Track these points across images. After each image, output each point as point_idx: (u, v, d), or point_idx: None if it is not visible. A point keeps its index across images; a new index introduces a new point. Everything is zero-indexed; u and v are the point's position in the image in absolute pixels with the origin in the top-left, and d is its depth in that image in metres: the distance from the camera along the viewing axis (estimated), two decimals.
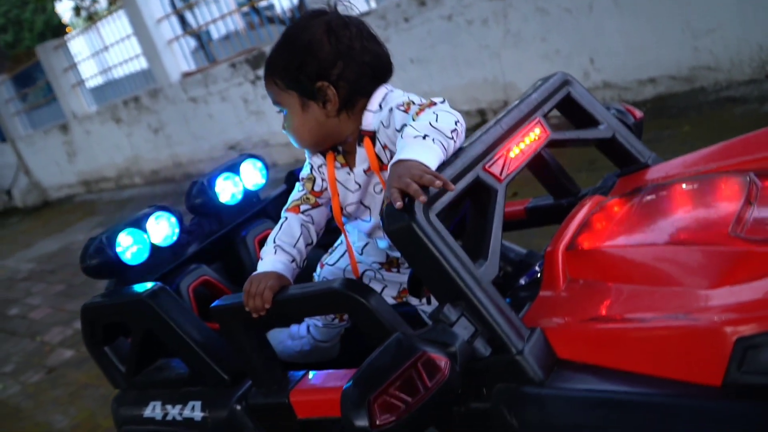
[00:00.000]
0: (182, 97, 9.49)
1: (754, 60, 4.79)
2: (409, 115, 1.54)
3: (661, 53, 5.14)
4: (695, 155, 1.69)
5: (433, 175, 1.31)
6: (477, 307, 1.28)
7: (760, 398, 1.07)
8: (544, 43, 5.67)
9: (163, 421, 1.78)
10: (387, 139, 1.62)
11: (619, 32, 5.25)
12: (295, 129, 1.67)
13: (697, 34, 4.93)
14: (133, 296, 1.76)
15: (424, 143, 1.40)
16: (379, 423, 1.16)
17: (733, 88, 4.86)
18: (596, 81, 5.55)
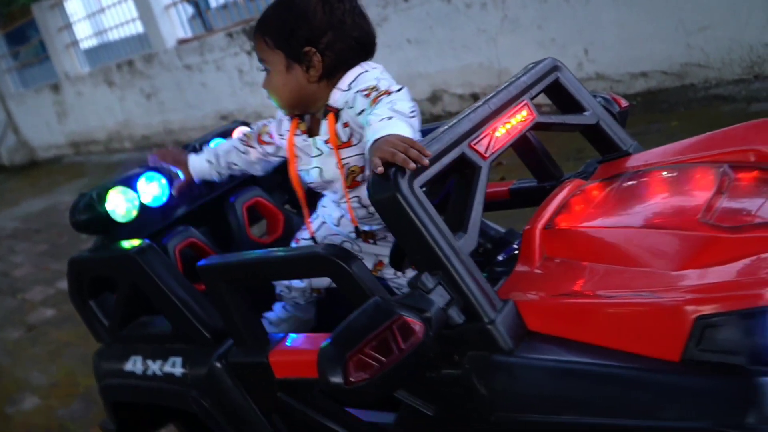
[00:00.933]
0: (177, 64, 9.46)
1: (744, 60, 4.86)
2: (368, 100, 1.60)
3: (654, 48, 5.20)
4: (675, 146, 1.74)
5: (419, 149, 1.35)
6: (454, 276, 1.32)
7: (714, 374, 1.13)
8: (540, 30, 5.71)
9: (144, 375, 1.82)
10: (349, 119, 1.69)
11: (614, 24, 5.29)
12: (276, 88, 1.75)
13: (690, 31, 4.98)
14: (122, 252, 1.80)
15: (391, 122, 1.44)
16: (353, 380, 1.21)
17: (722, 87, 4.94)
18: (589, 72, 5.59)
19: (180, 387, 1.75)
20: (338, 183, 1.75)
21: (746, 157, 1.57)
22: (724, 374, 1.13)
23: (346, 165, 1.71)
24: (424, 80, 6.71)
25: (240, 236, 2.23)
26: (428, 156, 1.36)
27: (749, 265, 1.25)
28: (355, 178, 1.73)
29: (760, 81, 4.79)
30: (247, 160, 1.96)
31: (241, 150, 1.96)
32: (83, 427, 3.27)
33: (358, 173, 1.73)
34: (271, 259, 1.58)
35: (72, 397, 3.60)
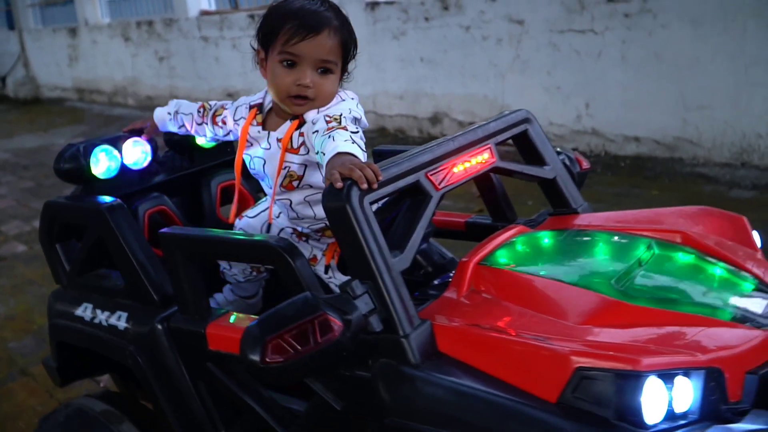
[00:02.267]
0: (195, 33, 9.60)
1: (734, 145, 5.03)
2: (326, 126, 1.72)
3: (651, 116, 5.38)
4: (618, 214, 1.89)
5: (374, 170, 1.49)
6: (381, 288, 1.45)
7: (582, 421, 1.26)
8: (548, 76, 5.89)
9: (90, 322, 1.94)
10: (307, 131, 1.81)
11: (618, 85, 5.48)
12: (329, 92, 1.84)
13: (689, 107, 5.16)
14: (93, 205, 1.92)
15: (353, 146, 1.59)
16: (268, 360, 1.34)
17: (709, 167, 5.10)
18: (587, 126, 5.76)
19: (120, 340, 1.86)
20: (277, 179, 1.88)
21: (674, 237, 1.71)
22: (591, 423, 1.26)
23: (287, 167, 1.85)
24: (428, 99, 6.86)
25: (209, 213, 2.35)
26: (380, 179, 1.49)
27: (639, 334, 1.39)
28: (291, 181, 1.87)
29: (745, 169, 4.96)
30: (197, 129, 2.13)
31: (196, 120, 2.11)
32: (31, 362, 3.38)
33: (295, 179, 1.86)
34: (226, 240, 1.71)
35: (25, 333, 3.71)
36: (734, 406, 1.33)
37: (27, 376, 3.29)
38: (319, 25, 1.78)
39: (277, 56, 1.81)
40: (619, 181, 5.21)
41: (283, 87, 1.81)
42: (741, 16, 4.79)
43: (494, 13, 6.11)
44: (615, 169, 5.46)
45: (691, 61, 5.08)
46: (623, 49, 5.38)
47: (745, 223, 1.78)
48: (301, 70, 1.79)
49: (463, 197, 4.66)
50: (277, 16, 1.83)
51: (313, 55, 1.78)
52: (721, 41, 4.90)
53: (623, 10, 5.31)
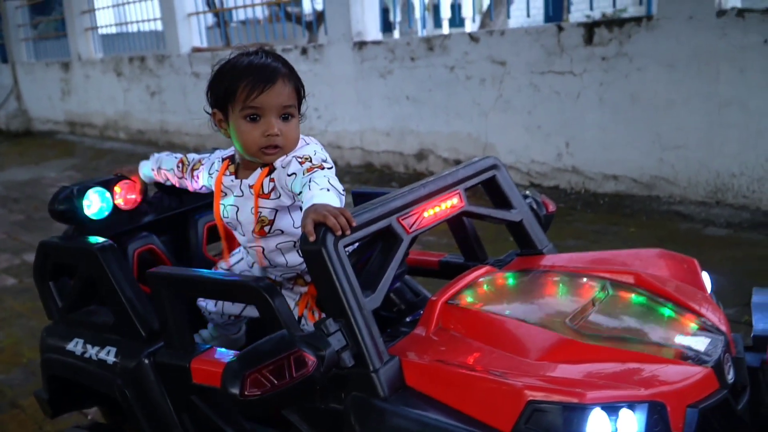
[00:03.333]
0: (187, 69, 9.75)
1: (709, 184, 5.15)
2: (302, 168, 1.85)
3: (629, 155, 5.51)
4: (580, 255, 2.02)
5: (347, 218, 1.61)
6: (353, 326, 1.57)
7: None
8: (529, 116, 6.04)
9: (81, 357, 2.05)
10: (277, 177, 1.92)
11: (596, 126, 5.63)
12: (294, 136, 1.95)
13: (665, 147, 5.30)
14: (86, 246, 2.04)
15: (329, 194, 1.71)
16: (247, 393, 1.45)
17: (684, 205, 5.22)
18: (567, 164, 5.90)
19: (109, 374, 1.97)
20: (249, 227, 1.98)
21: (627, 278, 1.84)
22: None
23: (260, 212, 1.96)
24: (414, 137, 7.01)
25: (196, 252, 2.47)
26: (353, 225, 1.62)
27: (588, 369, 1.51)
28: (263, 227, 1.97)
29: (720, 207, 5.09)
30: (180, 183, 2.26)
31: (177, 175, 2.25)
32: (20, 395, 3.42)
33: (266, 224, 1.96)
34: (209, 279, 1.83)
35: (14, 366, 3.75)
36: None
37: (17, 408, 3.35)
38: (273, 75, 1.90)
39: (240, 113, 1.91)
40: (598, 219, 5.33)
41: (252, 141, 1.91)
42: (714, 60, 4.95)
43: (477, 54, 6.28)
44: (594, 206, 5.59)
45: (666, 102, 5.24)
46: (601, 90, 5.55)
47: (696, 266, 1.91)
48: (266, 122, 1.90)
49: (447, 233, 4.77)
50: (228, 76, 1.94)
51: (273, 104, 1.89)
52: (695, 84, 5.07)
53: (600, 53, 5.49)
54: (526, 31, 5.99)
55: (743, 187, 5.03)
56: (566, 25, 5.77)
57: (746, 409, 1.63)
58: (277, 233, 1.97)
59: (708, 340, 1.64)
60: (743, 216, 4.94)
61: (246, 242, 2.04)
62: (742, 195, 5.05)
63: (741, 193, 5.06)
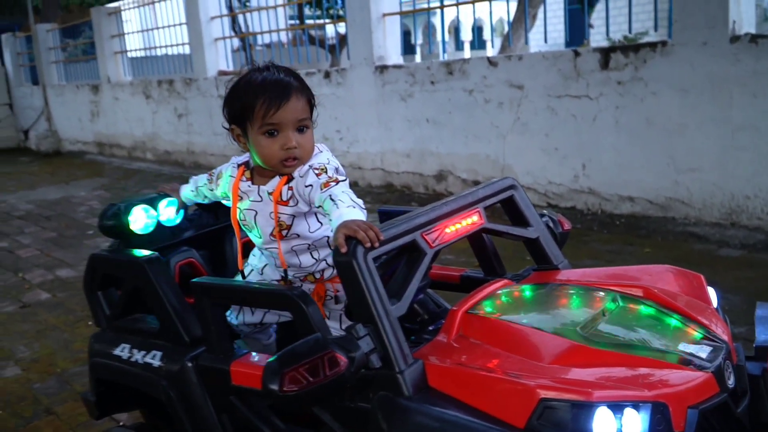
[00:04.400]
0: (213, 92, 9.99)
1: (724, 206, 5.26)
2: (319, 181, 1.99)
3: (645, 177, 5.64)
4: (593, 270, 2.15)
5: (376, 232, 1.76)
6: (380, 331, 1.72)
7: None
8: (546, 138, 6.20)
9: (128, 361, 2.21)
10: (296, 186, 2.06)
11: (612, 148, 5.78)
12: (311, 147, 2.10)
13: (680, 170, 5.42)
14: (135, 259, 2.21)
15: (355, 210, 1.86)
16: (285, 389, 1.60)
17: (699, 226, 5.33)
18: (583, 185, 6.02)
19: (154, 376, 2.13)
20: (267, 229, 2.13)
21: (636, 292, 1.98)
22: None
23: (279, 217, 2.10)
24: (433, 158, 7.17)
25: (232, 264, 2.63)
26: (381, 239, 1.77)
27: (596, 372, 1.64)
28: (281, 230, 2.12)
29: (735, 228, 5.20)
30: (213, 196, 2.39)
31: (209, 187, 2.38)
32: (55, 402, 3.58)
33: (284, 228, 2.12)
34: (248, 289, 1.99)
35: (49, 375, 3.91)
36: None
37: (51, 414, 3.49)
38: (287, 91, 2.04)
39: (259, 130, 2.06)
40: (614, 239, 5.45)
41: (272, 155, 2.06)
42: (727, 85, 5.09)
43: (495, 78, 6.46)
44: (610, 227, 5.71)
45: (680, 126, 5.38)
46: (616, 114, 5.70)
47: (702, 281, 2.04)
48: (284, 136, 2.05)
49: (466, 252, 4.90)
50: (244, 94, 2.07)
51: (290, 119, 2.04)
52: (708, 108, 5.21)
53: (616, 77, 5.64)
54: (543, 55, 6.17)
55: (757, 209, 5.13)
56: (583, 50, 5.93)
57: (746, 413, 1.75)
58: (294, 237, 2.12)
59: (710, 348, 1.76)
60: (757, 237, 5.04)
61: (262, 243, 2.19)
62: (756, 217, 5.15)
63: (755, 215, 5.16)
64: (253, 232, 2.20)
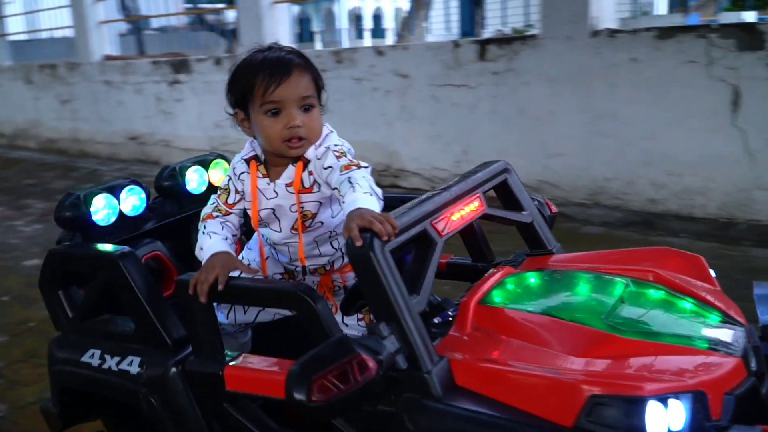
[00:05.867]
0: (98, 77, 9.68)
1: (587, 188, 5.66)
2: (339, 163, 1.88)
3: (519, 162, 5.87)
4: (591, 254, 2.10)
5: (392, 223, 1.64)
6: (405, 329, 1.60)
7: None
8: (431, 126, 6.48)
9: (99, 368, 1.99)
10: (315, 169, 1.94)
11: (490, 135, 6.11)
12: (318, 126, 1.96)
13: (549, 155, 5.80)
14: (105, 253, 1.99)
15: (372, 198, 1.75)
16: (315, 399, 1.46)
17: (566, 207, 5.63)
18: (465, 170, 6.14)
19: (132, 384, 1.93)
20: (287, 224, 1.99)
21: (646, 276, 1.93)
22: None
23: (302, 207, 1.97)
24: None
25: None
26: (397, 230, 1.65)
27: (633, 363, 1.58)
28: (304, 221, 1.98)
29: (597, 208, 5.62)
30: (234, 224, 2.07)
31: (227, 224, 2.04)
32: None
33: (309, 218, 1.98)
34: (248, 287, 1.82)
35: None
36: (716, 423, 1.53)
37: None
38: (287, 67, 1.90)
39: (260, 109, 1.91)
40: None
41: (275, 135, 1.91)
42: (589, 76, 5.47)
43: (383, 67, 6.67)
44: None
45: (549, 114, 5.75)
46: (493, 102, 6.02)
47: (703, 262, 2.01)
48: (287, 114, 1.90)
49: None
50: (244, 74, 1.93)
51: (292, 96, 1.89)
52: (573, 98, 5.58)
53: (492, 68, 5.97)
54: (427, 46, 6.63)
55: (616, 190, 5.53)
56: (462, 41, 6.27)
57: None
58: (318, 226, 1.99)
59: (732, 332, 1.74)
60: (616, 215, 5.48)
61: (280, 239, 2.03)
62: (615, 197, 5.55)
63: (614, 195, 5.55)
64: (270, 229, 2.05)
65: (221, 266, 1.82)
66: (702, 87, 4.95)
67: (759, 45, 4.70)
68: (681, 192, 5.24)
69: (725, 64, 4.84)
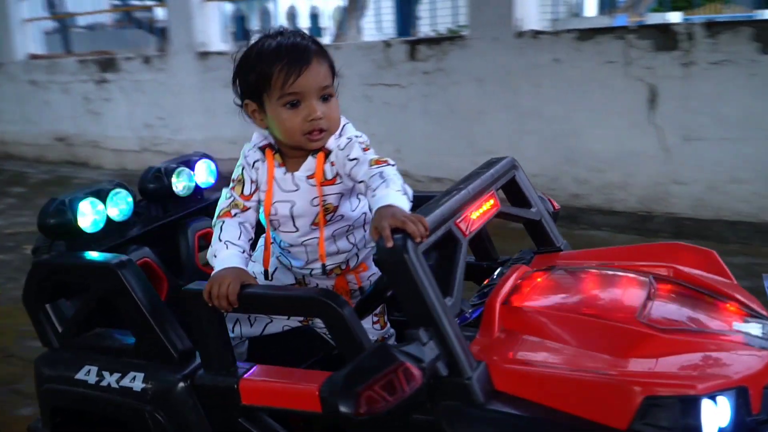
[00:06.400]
0: (23, 77, 9.39)
1: None
2: (366, 156, 1.80)
3: (450, 159, 6.10)
4: (602, 250, 2.06)
5: (424, 224, 1.56)
6: (444, 334, 1.52)
7: None
8: (364, 125, 6.32)
9: (96, 385, 1.85)
10: (337, 160, 1.84)
11: (422, 134, 6.22)
12: (337, 116, 1.86)
13: (478, 152, 5.79)
14: (101, 263, 1.84)
15: (404, 198, 1.68)
16: (362, 411, 1.37)
17: None
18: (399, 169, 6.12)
19: (136, 402, 1.79)
20: (307, 219, 1.88)
21: (666, 272, 1.90)
22: None
23: (324, 201, 1.86)
24: None
25: (187, 263, 2.30)
26: (428, 231, 1.57)
27: (676, 361, 1.54)
28: (326, 215, 1.88)
29: None
30: (252, 223, 1.92)
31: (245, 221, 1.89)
32: None
33: (330, 211, 1.88)
34: (270, 295, 1.71)
35: None
36: (756, 417, 1.51)
37: None
38: (306, 55, 1.79)
39: (278, 101, 1.79)
40: None
41: (295, 128, 1.81)
42: (515, 76, 5.62)
43: None
44: None
45: (477, 113, 5.87)
46: (425, 102, 6.13)
47: (716, 257, 1.99)
48: (308, 106, 1.79)
49: None
50: (258, 63, 1.81)
51: (312, 86, 1.79)
52: (501, 97, 5.74)
53: (423, 68, 6.06)
54: (359, 46, 6.66)
55: (542, 185, 5.53)
56: (393, 42, 6.36)
57: None
58: (338, 219, 1.90)
59: (760, 325, 1.72)
60: None
61: (297, 237, 1.92)
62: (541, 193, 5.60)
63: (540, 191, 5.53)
64: (284, 227, 1.92)
65: (235, 277, 1.69)
66: (620, 86, 5.14)
67: (673, 45, 4.90)
68: (602, 187, 5.44)
69: (642, 64, 5.04)
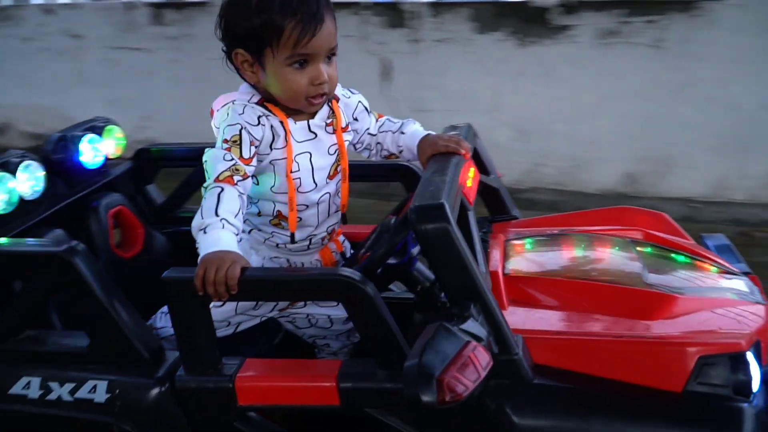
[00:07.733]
0: None
1: None
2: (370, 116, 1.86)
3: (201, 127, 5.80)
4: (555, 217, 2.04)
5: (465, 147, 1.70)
6: (491, 309, 1.41)
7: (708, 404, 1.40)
8: (108, 89, 6.23)
9: (41, 400, 1.49)
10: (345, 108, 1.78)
11: (172, 100, 6.06)
12: (336, 77, 1.67)
13: None
14: (46, 250, 1.48)
15: None
16: (447, 399, 1.24)
17: None
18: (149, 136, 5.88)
19: (101, 415, 1.47)
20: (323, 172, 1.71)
21: (636, 235, 1.90)
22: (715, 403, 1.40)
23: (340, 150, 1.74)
24: None
25: (102, 247, 1.94)
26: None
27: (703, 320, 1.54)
28: (337, 167, 1.74)
29: None
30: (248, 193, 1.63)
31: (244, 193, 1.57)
32: None
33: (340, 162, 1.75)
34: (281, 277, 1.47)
35: None
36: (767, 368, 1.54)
37: None
38: (320, 13, 1.57)
39: (286, 60, 1.57)
40: None
41: (299, 89, 1.60)
42: None
43: (53, 26, 6.29)
44: None
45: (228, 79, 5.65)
46: (173, 68, 5.92)
47: (669, 219, 2.02)
48: (315, 68, 1.60)
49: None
50: (265, 12, 1.55)
51: (324, 47, 1.59)
52: None
53: (169, 33, 5.86)
54: (98, 6, 6.29)
55: None
56: (137, 3, 6.08)
57: None
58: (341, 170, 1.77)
59: (742, 281, 1.77)
60: None
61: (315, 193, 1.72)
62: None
63: None
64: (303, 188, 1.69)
65: (234, 260, 1.41)
66: (357, 60, 5.21)
67: (401, 23, 5.12)
68: None
69: (377, 40, 5.19)
